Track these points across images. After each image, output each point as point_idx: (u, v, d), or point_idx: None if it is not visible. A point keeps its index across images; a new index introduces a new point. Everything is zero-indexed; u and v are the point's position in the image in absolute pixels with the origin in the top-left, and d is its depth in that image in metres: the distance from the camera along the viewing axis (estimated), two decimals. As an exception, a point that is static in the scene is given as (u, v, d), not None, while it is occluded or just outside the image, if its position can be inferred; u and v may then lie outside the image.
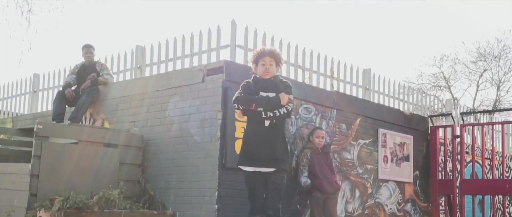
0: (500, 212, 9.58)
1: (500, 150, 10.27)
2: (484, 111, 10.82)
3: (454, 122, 9.22)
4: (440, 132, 8.89)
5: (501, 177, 8.71)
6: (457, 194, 8.63)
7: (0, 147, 7.26)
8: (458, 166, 8.77)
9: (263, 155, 5.13)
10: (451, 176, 8.75)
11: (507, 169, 10.25)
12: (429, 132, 8.93)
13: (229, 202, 5.85)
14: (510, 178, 10.08)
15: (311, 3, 37.16)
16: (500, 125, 9.44)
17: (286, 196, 6.12)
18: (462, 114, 9.06)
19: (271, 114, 5.06)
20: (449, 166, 8.84)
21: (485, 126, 9.72)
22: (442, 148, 8.91)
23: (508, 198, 9.67)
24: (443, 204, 8.82)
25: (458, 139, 8.77)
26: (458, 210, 8.58)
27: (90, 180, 5.98)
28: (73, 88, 7.69)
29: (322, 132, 6.66)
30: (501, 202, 9.23)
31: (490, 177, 9.57)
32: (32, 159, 5.72)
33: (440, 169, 8.82)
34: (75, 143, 6.18)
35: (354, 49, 35.35)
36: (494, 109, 12.89)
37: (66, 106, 7.58)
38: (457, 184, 8.67)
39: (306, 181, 6.36)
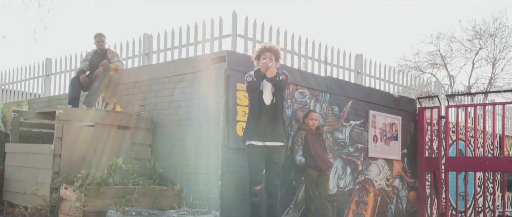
0: (483, 187, 10.22)
1: (489, 129, 10.91)
2: (468, 94, 11.39)
3: (440, 104, 9.82)
4: (427, 113, 9.49)
5: (483, 154, 9.31)
6: (442, 171, 9.27)
7: (22, 129, 7.88)
8: (444, 145, 9.38)
9: (269, 130, 5.92)
10: (437, 154, 9.36)
11: (492, 147, 10.86)
12: (417, 113, 9.53)
13: (232, 178, 6.42)
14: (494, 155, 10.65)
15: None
16: (494, 106, 9.97)
17: (283, 173, 6.75)
18: (447, 96, 9.64)
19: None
20: (435, 144, 9.45)
21: (469, 107, 10.32)
22: (429, 128, 9.51)
23: (491, 174, 10.27)
24: (429, 180, 9.46)
25: (444, 120, 9.37)
26: (443, 185, 9.23)
27: (105, 159, 6.58)
28: (86, 73, 8.26)
29: (316, 114, 7.25)
30: (482, 178, 9.88)
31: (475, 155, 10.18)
32: (55, 141, 6.34)
33: (427, 147, 9.44)
34: (91, 125, 6.79)
35: (350, 30, 35.75)
36: (478, 91, 13.44)
37: (81, 90, 8.17)
38: (443, 162, 9.31)
39: (301, 159, 6.97)
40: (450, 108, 9.59)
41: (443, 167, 9.27)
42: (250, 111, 6.13)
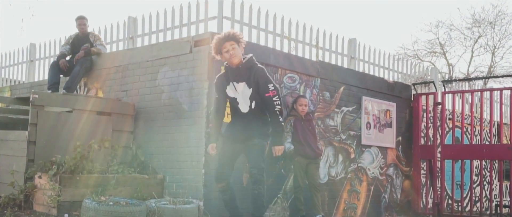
0: (480, 175, 9.95)
1: (487, 117, 10.61)
2: (464, 79, 11.09)
3: (436, 90, 9.51)
4: (423, 99, 9.19)
5: (479, 142, 9.03)
6: (438, 159, 8.98)
7: (-1, 115, 7.59)
8: (440, 132, 9.09)
9: (245, 134, 5.54)
10: (432, 142, 9.08)
11: (490, 135, 10.57)
12: (412, 99, 9.23)
13: (215, 166, 6.15)
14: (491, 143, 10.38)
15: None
16: (492, 92, 9.71)
17: (271, 161, 6.47)
18: (443, 81, 9.33)
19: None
20: (431, 132, 9.17)
21: (466, 93, 10.01)
22: (425, 115, 9.22)
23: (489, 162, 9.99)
24: (424, 168, 9.18)
25: (440, 106, 9.07)
26: (438, 173, 8.96)
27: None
28: (67, 58, 7.94)
29: (305, 100, 6.95)
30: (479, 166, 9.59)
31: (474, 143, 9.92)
32: (29, 127, 6.05)
33: (422, 135, 9.15)
34: (69, 111, 6.50)
35: (348, 18, 35.32)
36: (474, 77, 13.15)
37: (61, 75, 7.86)
38: (438, 150, 9.02)
39: (289, 146, 6.70)
40: (446, 95, 9.28)
41: (439, 155, 8.98)
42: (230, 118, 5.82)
